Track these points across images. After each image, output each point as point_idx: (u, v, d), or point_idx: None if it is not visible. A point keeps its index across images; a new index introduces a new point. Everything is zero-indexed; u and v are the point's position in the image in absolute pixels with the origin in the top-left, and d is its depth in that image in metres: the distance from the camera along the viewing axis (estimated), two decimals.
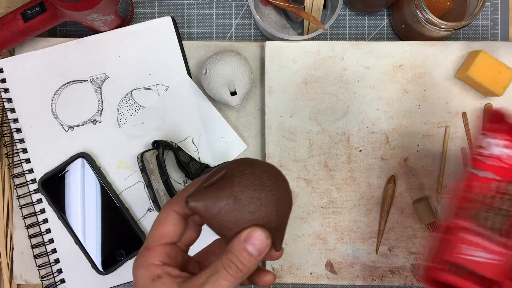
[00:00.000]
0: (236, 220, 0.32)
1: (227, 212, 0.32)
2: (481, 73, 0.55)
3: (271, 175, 0.34)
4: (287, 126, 0.58)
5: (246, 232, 0.32)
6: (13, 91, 0.59)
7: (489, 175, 0.42)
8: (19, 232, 0.59)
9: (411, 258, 0.57)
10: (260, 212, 0.33)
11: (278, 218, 0.34)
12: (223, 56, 0.55)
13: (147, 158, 0.56)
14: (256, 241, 0.32)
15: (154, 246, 0.34)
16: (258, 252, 0.33)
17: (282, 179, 0.35)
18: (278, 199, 0.33)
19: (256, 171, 0.34)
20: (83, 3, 0.50)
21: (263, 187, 0.33)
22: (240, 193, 0.32)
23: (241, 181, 0.33)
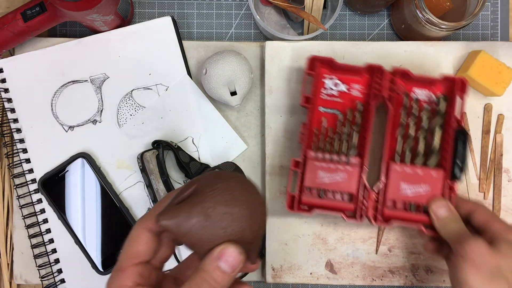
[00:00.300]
0: (208, 237, 0.32)
1: (198, 229, 0.31)
2: (481, 73, 0.55)
3: (243, 189, 0.33)
4: (287, 126, 0.58)
5: (218, 249, 0.32)
6: (13, 91, 0.59)
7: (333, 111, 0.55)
8: (19, 232, 0.59)
9: (411, 258, 0.57)
10: (232, 228, 0.32)
11: (251, 233, 0.33)
12: (223, 56, 0.55)
13: (147, 158, 0.56)
14: (229, 258, 0.32)
15: (126, 267, 0.34)
16: (232, 269, 0.32)
17: (255, 192, 0.34)
18: (251, 214, 0.33)
19: (228, 186, 0.33)
20: (83, 3, 0.50)
21: (235, 202, 0.32)
22: (211, 209, 0.32)
23: (213, 196, 0.32)
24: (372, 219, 0.51)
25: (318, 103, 0.55)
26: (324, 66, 0.54)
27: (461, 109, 0.52)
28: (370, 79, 0.54)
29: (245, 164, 0.60)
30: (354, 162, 0.51)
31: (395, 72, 0.52)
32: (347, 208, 0.51)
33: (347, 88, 0.55)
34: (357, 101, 0.54)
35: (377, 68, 0.53)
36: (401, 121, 0.53)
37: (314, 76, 0.53)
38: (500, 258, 0.42)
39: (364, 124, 0.53)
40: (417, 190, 0.51)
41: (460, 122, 0.51)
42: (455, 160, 0.50)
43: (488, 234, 0.45)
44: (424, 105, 0.53)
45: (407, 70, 0.52)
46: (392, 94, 0.52)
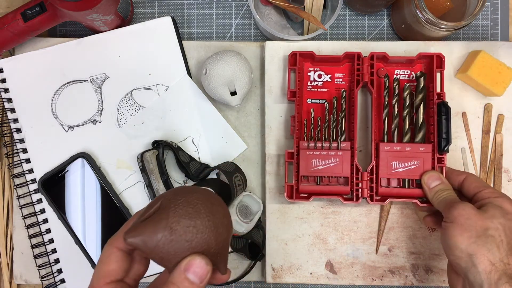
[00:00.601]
0: (175, 251, 0.33)
1: (164, 244, 0.32)
2: (481, 73, 0.55)
3: (206, 201, 0.34)
4: (287, 126, 0.58)
5: (185, 261, 0.33)
6: (13, 91, 0.59)
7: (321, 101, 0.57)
8: (19, 232, 0.59)
9: (411, 258, 0.57)
10: (197, 240, 0.33)
11: (217, 243, 0.34)
12: (223, 56, 0.55)
13: (147, 158, 0.56)
14: (197, 268, 0.32)
15: (99, 286, 0.35)
16: (200, 279, 0.33)
17: (218, 204, 0.35)
18: (215, 225, 0.34)
19: (190, 199, 0.34)
20: (83, 3, 0.50)
21: (198, 215, 0.33)
22: (175, 224, 0.32)
23: (176, 211, 0.33)
24: (368, 199, 0.54)
25: (305, 95, 0.57)
26: (306, 60, 0.57)
27: (441, 83, 0.54)
28: (351, 67, 0.57)
29: (245, 164, 0.60)
30: (345, 147, 0.54)
31: (373, 56, 0.55)
32: (343, 191, 0.54)
33: (331, 78, 0.57)
34: (342, 89, 0.57)
35: (355, 55, 0.55)
36: (385, 103, 0.55)
37: (298, 70, 0.56)
38: (487, 220, 0.44)
39: (350, 110, 0.56)
40: (408, 166, 0.53)
41: (441, 96, 0.54)
42: (440, 133, 0.53)
43: (478, 200, 0.47)
44: (406, 84, 0.56)
45: (384, 53, 0.55)
46: (372, 78, 0.55)
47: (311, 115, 0.56)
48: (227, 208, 0.36)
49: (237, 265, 0.59)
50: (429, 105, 0.55)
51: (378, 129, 0.56)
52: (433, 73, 0.55)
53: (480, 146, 0.58)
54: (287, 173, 0.55)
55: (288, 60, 0.56)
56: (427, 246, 0.57)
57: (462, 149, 0.58)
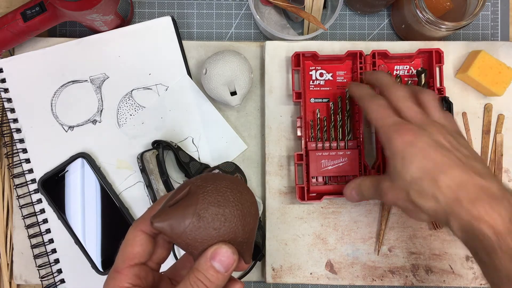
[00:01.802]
0: (202, 238, 0.32)
1: (192, 230, 0.32)
2: (481, 73, 0.55)
3: (235, 190, 0.34)
4: (287, 126, 0.58)
5: (212, 249, 0.32)
6: (13, 91, 0.59)
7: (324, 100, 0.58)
8: (19, 232, 0.59)
9: (411, 258, 0.57)
10: (225, 228, 0.33)
11: (244, 233, 0.34)
12: (223, 56, 0.55)
13: (147, 158, 0.56)
14: (223, 257, 0.32)
15: (123, 268, 0.34)
16: (225, 269, 0.32)
17: (247, 193, 0.35)
18: (243, 214, 0.33)
19: (220, 187, 0.34)
20: (83, 3, 0.50)
21: (227, 203, 0.33)
22: (204, 211, 0.32)
23: (205, 198, 0.33)
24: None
25: (308, 95, 0.58)
26: (308, 60, 0.57)
27: (440, 79, 0.56)
28: (352, 65, 0.57)
29: (245, 164, 0.60)
30: (352, 145, 0.55)
31: (375, 54, 0.56)
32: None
33: (332, 76, 0.58)
34: (345, 87, 0.58)
35: (358, 54, 0.56)
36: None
37: (301, 70, 0.56)
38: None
39: (354, 109, 0.56)
40: None
41: (442, 91, 0.55)
42: None
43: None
44: (408, 81, 0.56)
45: (385, 50, 0.56)
46: None
47: (317, 115, 0.56)
48: (255, 197, 0.36)
49: None
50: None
51: None
52: (433, 68, 0.55)
53: (480, 146, 0.58)
54: (296, 174, 0.56)
55: (292, 61, 0.56)
56: (427, 246, 0.57)
57: None
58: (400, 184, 0.42)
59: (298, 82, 0.57)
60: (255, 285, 0.62)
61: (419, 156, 0.41)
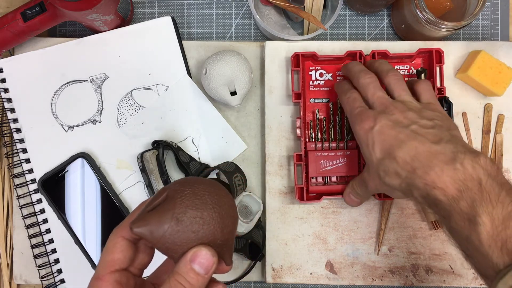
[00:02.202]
0: (181, 241, 0.33)
1: (171, 234, 0.32)
2: (481, 73, 0.55)
3: (212, 193, 0.34)
4: (287, 126, 0.58)
5: (191, 252, 0.33)
6: (13, 91, 0.59)
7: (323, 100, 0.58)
8: (19, 232, 0.59)
9: (411, 258, 0.57)
10: (204, 231, 0.33)
11: (223, 235, 0.34)
12: (223, 56, 0.55)
13: (147, 158, 0.56)
14: (202, 260, 0.32)
15: (103, 275, 0.34)
16: (205, 271, 0.33)
17: (225, 195, 0.35)
18: (221, 216, 0.34)
19: (197, 190, 0.34)
20: (83, 3, 0.50)
21: (205, 206, 0.33)
22: (182, 214, 0.33)
23: (182, 201, 0.33)
24: (376, 195, 0.55)
25: (308, 95, 0.58)
26: (308, 60, 0.57)
27: (440, 78, 0.56)
28: None
29: (245, 164, 0.60)
30: (351, 146, 0.55)
31: (375, 54, 0.56)
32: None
33: (332, 76, 0.58)
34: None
35: (357, 54, 0.56)
36: None
37: (300, 71, 0.56)
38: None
39: None
40: None
41: (442, 91, 0.55)
42: None
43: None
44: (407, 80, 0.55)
45: (385, 50, 0.56)
46: None
47: (316, 115, 0.57)
48: (233, 199, 0.36)
49: (237, 265, 0.59)
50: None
51: None
52: (433, 68, 0.55)
53: (480, 146, 0.58)
54: (296, 174, 0.56)
55: (291, 61, 0.56)
56: (427, 246, 0.57)
57: None
58: (372, 170, 0.45)
59: (298, 82, 0.57)
60: (255, 285, 0.62)
61: (378, 139, 0.43)
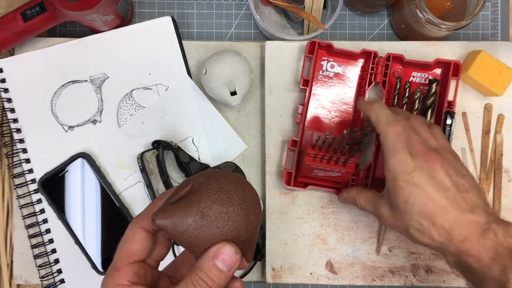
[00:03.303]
0: (205, 236, 0.32)
1: (194, 229, 0.32)
2: (481, 73, 0.55)
3: (239, 188, 0.33)
4: (287, 126, 0.58)
5: (215, 248, 0.32)
6: (13, 91, 0.59)
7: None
8: (19, 232, 0.59)
9: (411, 258, 0.57)
10: (228, 227, 0.32)
11: (247, 232, 0.33)
12: (223, 56, 0.55)
13: (147, 158, 0.56)
14: (226, 257, 0.32)
15: (121, 266, 0.34)
16: (228, 268, 0.32)
17: (250, 191, 0.34)
18: (246, 213, 0.33)
19: (223, 185, 0.33)
20: (83, 3, 0.50)
21: (231, 201, 0.32)
22: (207, 209, 0.32)
23: (208, 196, 0.32)
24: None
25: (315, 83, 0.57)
26: (322, 49, 0.57)
27: (454, 92, 0.55)
28: (365, 64, 0.57)
29: (245, 164, 0.60)
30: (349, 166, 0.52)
31: (390, 57, 0.55)
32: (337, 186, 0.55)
33: (343, 70, 0.57)
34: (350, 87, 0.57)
35: (372, 54, 0.55)
36: (393, 104, 0.56)
37: (313, 59, 0.56)
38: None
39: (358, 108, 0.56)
40: None
41: (451, 105, 0.54)
42: None
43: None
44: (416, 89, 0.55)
45: (401, 55, 0.55)
46: (385, 79, 0.55)
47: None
48: (258, 195, 0.35)
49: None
50: (438, 111, 0.55)
51: None
52: (448, 80, 0.55)
53: (480, 146, 0.58)
54: (287, 159, 0.56)
55: (306, 47, 0.55)
56: None
57: (462, 149, 0.58)
58: (399, 217, 0.45)
59: (308, 70, 0.56)
60: (255, 285, 0.62)
61: (419, 199, 0.43)
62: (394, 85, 0.56)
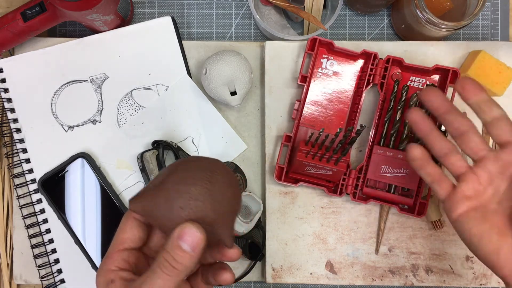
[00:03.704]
0: (169, 217, 0.32)
1: (161, 210, 0.32)
2: (481, 73, 0.55)
3: (205, 169, 0.33)
4: (287, 126, 0.58)
5: (178, 229, 0.32)
6: (13, 91, 0.59)
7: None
8: (19, 232, 0.59)
9: (411, 258, 0.57)
10: (191, 207, 0.32)
11: (214, 212, 0.33)
12: (223, 56, 0.55)
13: (147, 158, 0.56)
14: (189, 237, 0.32)
15: (112, 253, 0.35)
16: (192, 248, 0.32)
17: (221, 174, 0.34)
18: (212, 193, 0.33)
19: (190, 167, 0.33)
20: (83, 3, 0.50)
21: (194, 181, 0.32)
22: (172, 191, 0.32)
23: (174, 178, 0.33)
24: (351, 195, 0.55)
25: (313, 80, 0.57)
26: (323, 47, 0.57)
27: (451, 98, 0.55)
28: (364, 65, 0.57)
29: (245, 164, 0.60)
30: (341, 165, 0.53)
31: (390, 60, 0.55)
32: (329, 184, 0.56)
33: (341, 70, 0.57)
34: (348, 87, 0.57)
35: (372, 55, 0.55)
36: (389, 107, 0.55)
37: (313, 55, 0.56)
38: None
39: (354, 108, 0.56)
40: (397, 173, 0.54)
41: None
42: None
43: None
44: (413, 94, 0.55)
45: (400, 58, 0.55)
46: (383, 81, 0.55)
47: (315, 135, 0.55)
48: (236, 181, 0.35)
49: (237, 265, 0.59)
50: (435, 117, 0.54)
51: (377, 131, 0.56)
52: (445, 87, 0.55)
53: None
54: (280, 154, 0.56)
55: (307, 44, 0.55)
56: (427, 246, 0.57)
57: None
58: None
59: (307, 67, 0.57)
60: (255, 285, 0.62)
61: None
62: (391, 88, 0.56)
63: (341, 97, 0.57)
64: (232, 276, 0.37)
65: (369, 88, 0.56)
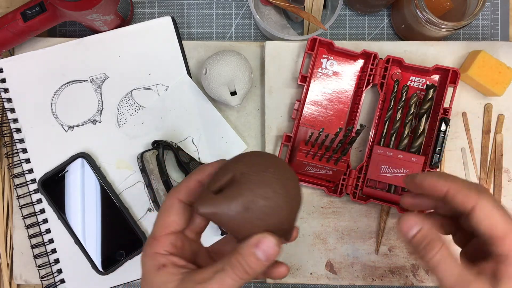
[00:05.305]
0: (247, 227, 0.32)
1: (237, 219, 0.32)
2: (481, 73, 0.55)
3: (282, 177, 0.33)
4: (287, 126, 0.58)
5: (256, 238, 0.32)
6: (13, 91, 0.59)
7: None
8: (19, 232, 0.59)
9: (411, 258, 0.57)
10: (271, 220, 0.32)
11: (289, 221, 0.34)
12: (223, 56, 0.55)
13: (147, 158, 0.56)
14: (266, 248, 0.32)
15: (159, 236, 0.35)
16: (267, 259, 0.33)
17: (291, 177, 0.34)
18: (289, 204, 0.33)
19: (266, 178, 0.33)
20: (83, 3, 0.50)
21: (275, 195, 0.32)
22: (251, 203, 0.32)
23: (251, 189, 0.32)
24: (351, 195, 0.55)
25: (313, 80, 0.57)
26: (323, 47, 0.57)
27: (451, 98, 0.55)
28: (364, 65, 0.57)
29: None
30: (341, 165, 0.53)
31: (390, 60, 0.55)
32: (328, 184, 0.56)
33: (341, 69, 0.57)
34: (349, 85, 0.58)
35: (372, 55, 0.55)
36: (389, 106, 0.55)
37: (313, 55, 0.56)
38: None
39: (354, 108, 0.56)
40: (396, 173, 0.54)
41: (447, 112, 0.54)
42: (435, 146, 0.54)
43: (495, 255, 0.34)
44: (414, 94, 0.55)
45: (400, 58, 0.55)
46: (383, 81, 0.56)
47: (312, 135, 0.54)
48: (297, 177, 0.35)
49: None
50: (433, 117, 0.55)
51: (377, 131, 0.56)
52: (445, 87, 0.55)
53: (480, 146, 0.58)
54: (280, 153, 0.56)
55: (307, 43, 0.56)
56: None
57: (462, 149, 0.58)
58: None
59: (307, 67, 0.57)
60: (255, 285, 0.62)
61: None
62: (391, 87, 0.56)
63: (341, 97, 0.57)
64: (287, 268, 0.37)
65: (369, 88, 0.56)
